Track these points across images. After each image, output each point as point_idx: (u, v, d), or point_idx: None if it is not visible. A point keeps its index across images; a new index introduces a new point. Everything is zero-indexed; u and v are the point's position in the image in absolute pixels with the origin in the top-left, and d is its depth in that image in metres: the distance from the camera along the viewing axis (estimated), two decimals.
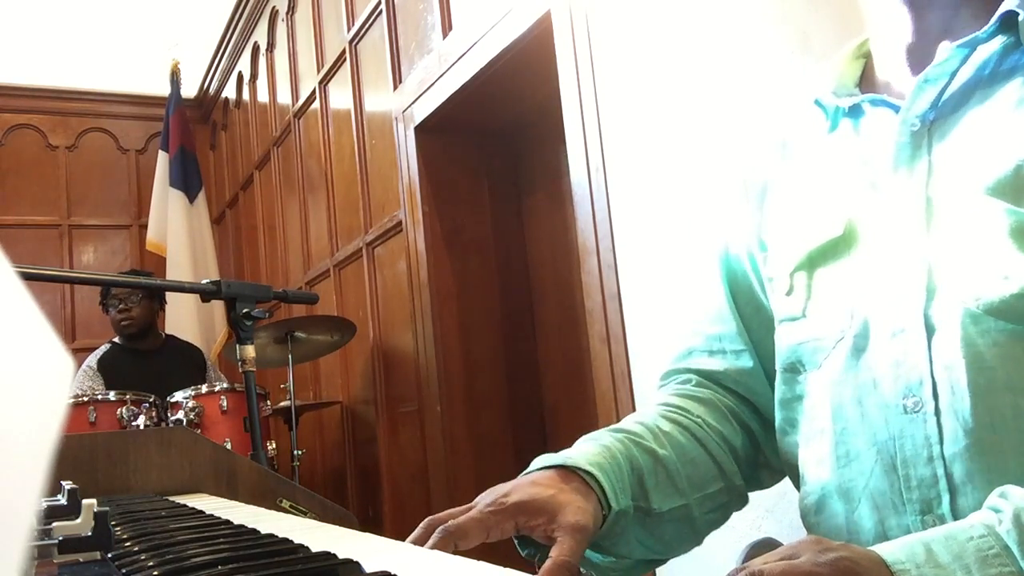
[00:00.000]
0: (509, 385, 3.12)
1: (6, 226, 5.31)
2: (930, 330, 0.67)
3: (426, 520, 0.68)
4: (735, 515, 0.87)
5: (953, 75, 0.70)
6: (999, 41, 0.67)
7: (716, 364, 0.89)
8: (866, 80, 0.81)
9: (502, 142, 3.22)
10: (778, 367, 0.82)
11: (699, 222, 1.76)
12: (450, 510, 0.70)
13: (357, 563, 0.44)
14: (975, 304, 0.64)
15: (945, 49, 0.70)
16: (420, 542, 0.65)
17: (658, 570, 1.83)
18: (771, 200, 0.86)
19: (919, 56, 0.74)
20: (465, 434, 3.01)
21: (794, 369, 0.79)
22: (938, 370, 0.66)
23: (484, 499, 0.70)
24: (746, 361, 0.87)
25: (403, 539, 0.67)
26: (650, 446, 0.80)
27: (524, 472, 0.75)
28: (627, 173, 1.98)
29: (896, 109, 0.73)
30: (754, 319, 0.87)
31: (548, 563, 0.63)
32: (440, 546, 0.63)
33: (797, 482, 0.82)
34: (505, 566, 0.48)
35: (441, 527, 0.65)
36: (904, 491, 0.67)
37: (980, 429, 0.63)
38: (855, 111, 0.78)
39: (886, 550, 0.51)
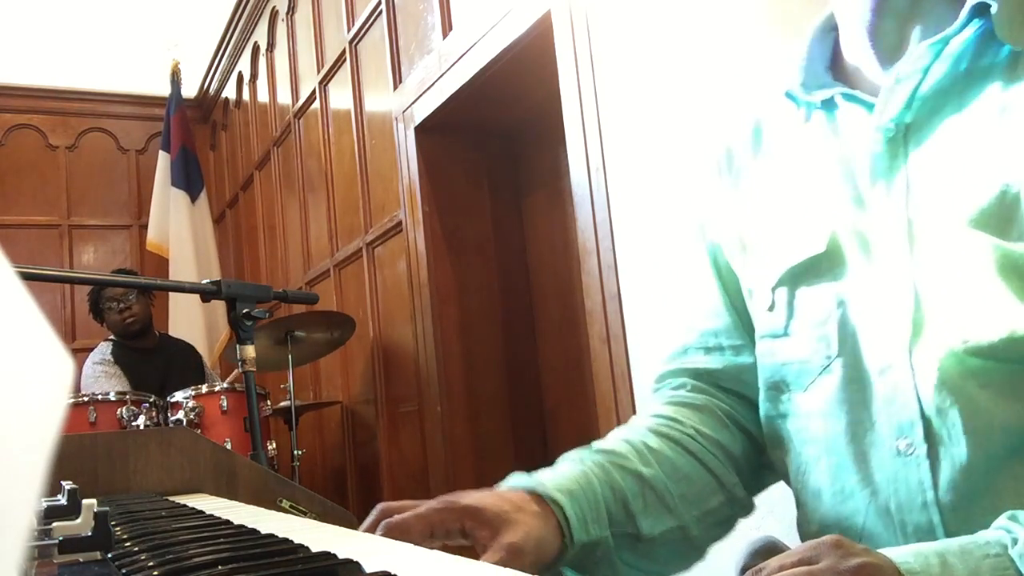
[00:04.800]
0: (509, 385, 3.12)
1: (6, 226, 5.31)
2: (917, 369, 0.64)
3: (379, 507, 0.67)
4: None
5: (926, 71, 0.66)
6: (972, 28, 0.64)
7: (713, 362, 0.84)
8: (836, 62, 0.77)
9: (502, 142, 3.22)
10: (761, 383, 0.78)
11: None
12: (404, 501, 0.68)
13: (357, 563, 0.44)
14: (963, 346, 0.61)
15: (917, 46, 0.67)
16: (371, 531, 0.65)
17: None
18: (747, 191, 0.82)
19: (884, 39, 0.70)
20: (465, 434, 3.01)
21: (777, 388, 0.76)
22: (929, 412, 0.63)
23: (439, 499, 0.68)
24: (746, 357, 0.81)
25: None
26: (634, 467, 0.76)
27: (499, 486, 0.73)
28: (627, 173, 1.98)
29: (869, 107, 0.70)
30: (748, 313, 0.82)
31: None
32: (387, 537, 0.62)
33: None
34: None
35: (383, 522, 0.64)
36: (901, 537, 0.65)
37: (975, 473, 0.61)
38: (828, 104, 0.75)
39: (899, 556, 0.50)
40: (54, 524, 0.55)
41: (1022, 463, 0.60)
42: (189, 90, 5.66)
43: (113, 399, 3.05)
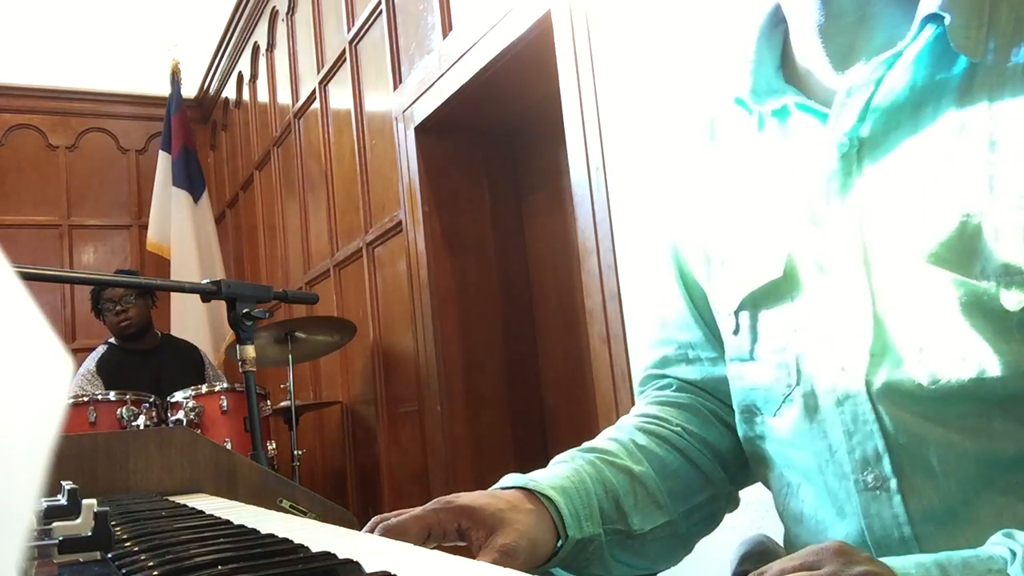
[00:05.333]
0: (509, 385, 3.12)
1: (6, 226, 5.31)
2: (878, 400, 0.62)
3: (373, 520, 0.67)
4: (735, 515, 0.86)
5: (879, 83, 0.63)
6: (927, 34, 0.60)
7: (692, 373, 0.84)
8: (787, 62, 0.74)
9: (502, 142, 3.22)
10: (734, 405, 0.77)
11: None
12: (398, 510, 0.68)
13: (357, 563, 0.44)
14: (930, 383, 0.59)
15: (869, 63, 0.64)
16: None
17: None
18: (704, 192, 0.80)
19: (836, 40, 0.67)
20: (465, 434, 3.01)
21: (750, 411, 0.75)
22: (896, 445, 0.62)
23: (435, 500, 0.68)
24: (722, 368, 0.81)
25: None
26: (625, 464, 0.76)
27: (492, 487, 0.73)
28: (627, 173, 1.98)
29: (823, 118, 0.67)
30: (717, 326, 0.81)
31: None
32: None
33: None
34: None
35: (381, 525, 0.64)
36: None
37: (954, 505, 0.60)
38: (780, 112, 0.72)
39: (901, 567, 0.49)
40: (54, 524, 0.55)
41: (1003, 493, 0.58)
42: (189, 90, 5.67)
43: (113, 399, 3.05)
